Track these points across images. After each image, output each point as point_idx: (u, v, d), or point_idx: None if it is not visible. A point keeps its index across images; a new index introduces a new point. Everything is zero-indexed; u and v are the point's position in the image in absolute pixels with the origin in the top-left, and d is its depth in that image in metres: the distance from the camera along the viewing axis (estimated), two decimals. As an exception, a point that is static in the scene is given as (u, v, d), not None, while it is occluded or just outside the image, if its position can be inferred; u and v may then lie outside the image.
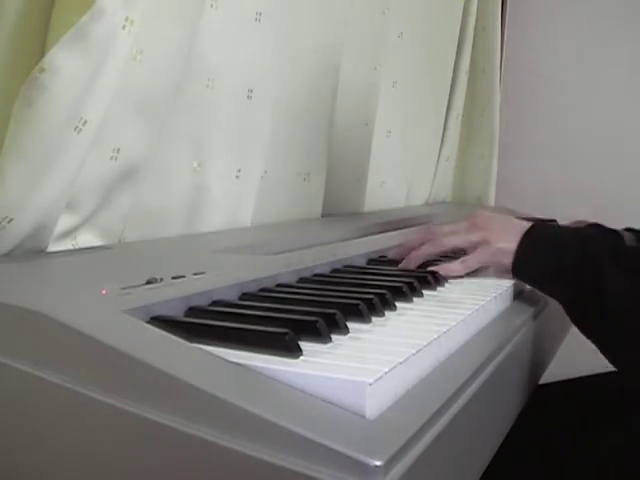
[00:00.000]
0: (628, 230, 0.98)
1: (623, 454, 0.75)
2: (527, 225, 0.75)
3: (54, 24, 0.61)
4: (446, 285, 0.71)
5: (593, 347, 0.69)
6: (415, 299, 0.62)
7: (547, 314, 0.76)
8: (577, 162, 1.96)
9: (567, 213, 1.25)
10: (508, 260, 0.73)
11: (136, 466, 0.38)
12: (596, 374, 0.88)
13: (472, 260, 0.76)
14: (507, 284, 0.73)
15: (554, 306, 0.79)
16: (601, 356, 0.67)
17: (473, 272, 0.77)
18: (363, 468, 0.32)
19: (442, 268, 0.74)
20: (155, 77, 0.73)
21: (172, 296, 0.49)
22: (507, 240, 0.74)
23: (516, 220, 0.78)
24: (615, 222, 0.84)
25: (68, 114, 0.59)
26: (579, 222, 1.01)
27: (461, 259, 0.76)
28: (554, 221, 1.03)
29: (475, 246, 0.76)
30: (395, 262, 0.81)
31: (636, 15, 1.94)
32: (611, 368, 0.67)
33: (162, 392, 0.37)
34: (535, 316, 0.71)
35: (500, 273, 0.75)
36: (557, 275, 0.70)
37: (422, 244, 0.79)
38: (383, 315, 0.55)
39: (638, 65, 1.95)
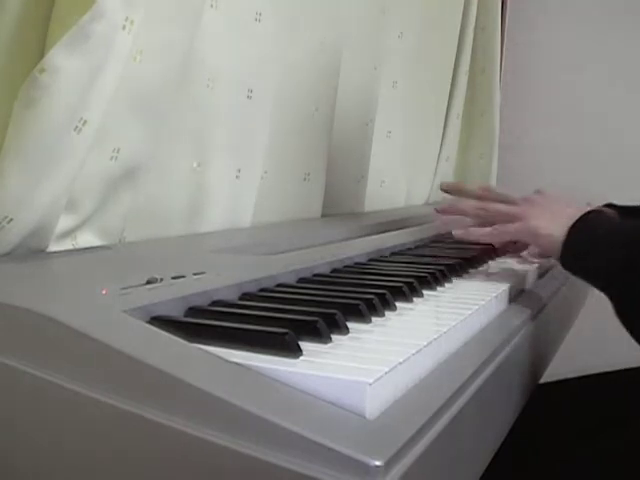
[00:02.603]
0: (609, 206, 0.98)
1: (623, 454, 0.75)
2: (577, 213, 0.70)
3: (54, 24, 0.61)
4: (446, 285, 0.71)
5: (593, 347, 0.69)
6: (415, 299, 0.62)
7: (547, 314, 0.76)
8: (578, 162, 1.96)
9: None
10: (541, 241, 0.70)
11: (136, 466, 0.38)
12: (596, 374, 0.88)
13: (502, 229, 0.73)
14: (507, 284, 0.73)
15: (554, 306, 0.80)
16: (601, 356, 0.67)
17: (514, 250, 0.74)
18: (363, 468, 0.32)
19: (471, 232, 0.72)
20: (155, 77, 0.73)
21: (172, 296, 0.49)
22: (546, 220, 0.70)
23: (571, 207, 0.73)
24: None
25: (68, 114, 0.59)
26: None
27: (492, 227, 0.74)
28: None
29: (512, 219, 0.73)
30: (394, 261, 0.81)
31: (636, 15, 1.94)
32: (611, 367, 0.67)
33: (162, 392, 0.37)
34: (535, 316, 0.71)
35: (538, 250, 0.73)
36: (605, 270, 0.66)
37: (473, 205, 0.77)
38: (383, 315, 0.55)
39: (638, 64, 1.95)
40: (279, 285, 0.61)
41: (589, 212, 0.70)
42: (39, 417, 0.40)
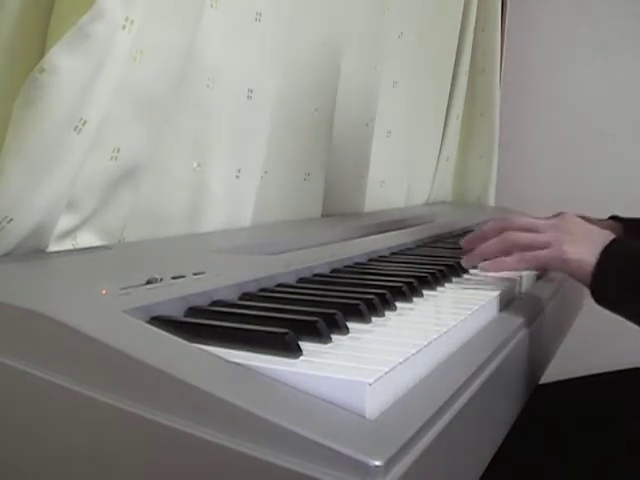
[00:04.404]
0: (613, 218, 0.98)
1: (623, 454, 0.75)
2: (608, 238, 0.68)
3: (54, 24, 0.61)
4: (446, 285, 0.71)
5: (593, 347, 0.68)
6: (415, 299, 0.62)
7: (547, 314, 0.76)
8: (577, 162, 1.96)
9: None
10: (573, 267, 0.68)
11: (136, 466, 0.38)
12: (596, 374, 0.88)
13: (531, 256, 0.70)
14: (507, 284, 0.73)
15: (553, 306, 0.80)
16: (601, 356, 0.67)
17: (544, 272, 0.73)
18: (363, 468, 0.32)
19: (499, 262, 0.70)
20: (155, 77, 0.73)
21: (172, 296, 0.49)
22: (579, 246, 0.68)
23: (600, 231, 0.72)
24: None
25: (68, 114, 0.59)
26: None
27: (521, 254, 0.71)
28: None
29: (543, 246, 0.70)
30: (394, 261, 0.81)
31: (635, 15, 1.94)
32: (611, 367, 0.67)
33: (162, 392, 0.37)
34: (535, 316, 0.71)
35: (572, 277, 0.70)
36: (636, 298, 0.65)
37: (496, 234, 0.74)
38: (383, 315, 0.55)
39: (637, 64, 1.95)
40: (279, 285, 0.61)
41: (618, 240, 0.69)
42: (39, 417, 0.40)
